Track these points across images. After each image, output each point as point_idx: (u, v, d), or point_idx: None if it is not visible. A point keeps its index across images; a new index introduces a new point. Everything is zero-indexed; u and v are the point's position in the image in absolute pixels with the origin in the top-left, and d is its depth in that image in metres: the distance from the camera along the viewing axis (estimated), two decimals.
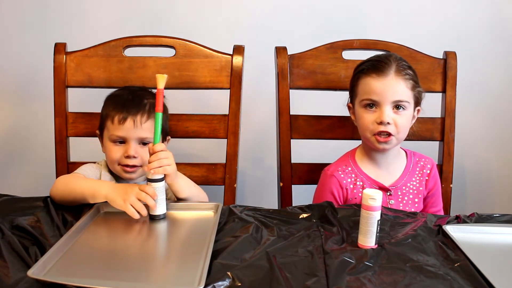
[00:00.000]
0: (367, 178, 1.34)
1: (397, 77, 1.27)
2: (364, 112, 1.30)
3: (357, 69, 1.35)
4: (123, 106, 1.30)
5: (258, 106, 1.88)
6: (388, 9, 1.85)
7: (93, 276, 0.89)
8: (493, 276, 0.89)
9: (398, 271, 0.92)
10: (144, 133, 1.29)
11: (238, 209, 1.17)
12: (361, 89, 1.31)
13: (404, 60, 1.33)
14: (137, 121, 1.29)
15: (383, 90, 1.26)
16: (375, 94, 1.27)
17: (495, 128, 1.94)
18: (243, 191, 1.98)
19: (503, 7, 1.84)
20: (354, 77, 1.35)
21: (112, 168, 1.33)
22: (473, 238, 1.07)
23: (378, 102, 1.27)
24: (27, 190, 1.30)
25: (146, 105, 1.31)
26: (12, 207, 1.16)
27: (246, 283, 0.87)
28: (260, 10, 1.85)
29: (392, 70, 1.27)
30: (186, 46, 1.49)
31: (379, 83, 1.27)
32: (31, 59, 1.86)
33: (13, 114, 1.93)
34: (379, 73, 1.27)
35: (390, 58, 1.30)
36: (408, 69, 1.30)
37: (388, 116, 1.26)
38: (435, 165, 1.41)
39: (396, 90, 1.27)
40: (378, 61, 1.30)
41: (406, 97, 1.28)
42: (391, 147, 1.31)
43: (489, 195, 1.99)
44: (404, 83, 1.28)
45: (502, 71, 1.89)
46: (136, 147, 1.29)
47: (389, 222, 1.12)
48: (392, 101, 1.27)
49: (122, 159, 1.30)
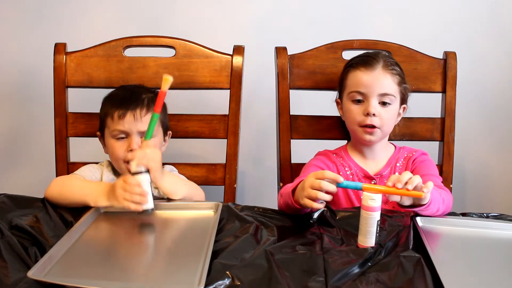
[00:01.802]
0: (355, 164, 1.38)
1: (384, 71, 1.32)
2: (351, 105, 1.35)
3: (347, 64, 1.40)
4: (121, 103, 1.30)
5: (258, 106, 1.88)
6: (388, 9, 1.85)
7: (93, 276, 0.89)
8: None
9: (397, 270, 0.93)
10: (144, 126, 1.28)
11: (238, 207, 1.18)
12: (350, 82, 1.36)
13: (391, 57, 1.38)
14: (137, 114, 1.29)
15: (371, 82, 1.31)
16: (363, 86, 1.32)
17: (495, 128, 1.94)
18: (243, 191, 1.98)
19: (503, 8, 1.84)
20: (344, 71, 1.40)
21: (117, 166, 1.34)
22: (439, 229, 1.11)
23: (366, 95, 1.32)
24: (27, 190, 1.29)
25: (144, 100, 1.31)
26: (12, 207, 1.17)
27: (245, 282, 0.87)
28: (260, 10, 1.85)
29: (380, 65, 1.33)
30: (186, 46, 1.49)
31: (367, 75, 1.32)
32: (31, 59, 1.86)
33: (13, 114, 1.93)
34: (367, 66, 1.33)
35: (379, 54, 1.36)
36: (395, 65, 1.35)
37: (374, 108, 1.31)
38: (424, 155, 1.40)
39: (383, 83, 1.32)
40: (367, 56, 1.36)
41: (392, 91, 1.33)
42: (376, 139, 1.34)
43: (489, 195, 1.99)
44: (390, 77, 1.33)
45: (502, 71, 1.89)
46: (139, 140, 1.30)
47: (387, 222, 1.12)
48: (379, 93, 1.31)
49: (126, 154, 1.30)
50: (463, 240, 1.08)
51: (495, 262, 1.00)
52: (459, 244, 1.07)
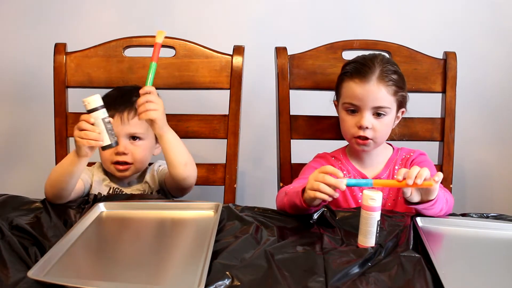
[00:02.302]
0: (352, 168, 1.37)
1: (379, 84, 1.27)
2: (345, 115, 1.33)
3: (343, 69, 1.36)
4: (110, 105, 1.30)
5: (258, 106, 1.88)
6: (388, 9, 1.85)
7: (93, 276, 0.89)
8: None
9: (397, 270, 0.93)
10: (132, 128, 1.30)
11: (238, 208, 1.18)
12: (344, 92, 1.33)
13: (390, 63, 1.32)
14: (124, 117, 1.30)
15: (364, 96, 1.28)
16: (356, 99, 1.29)
17: (495, 128, 1.94)
18: (243, 191, 1.98)
19: (503, 8, 1.84)
20: (340, 77, 1.36)
21: (106, 167, 1.35)
22: (439, 229, 1.11)
23: (359, 107, 1.29)
24: (27, 190, 1.30)
25: (134, 102, 1.31)
26: (12, 207, 1.16)
27: (245, 282, 0.87)
28: (260, 10, 1.85)
29: (375, 76, 1.28)
30: (186, 46, 1.49)
31: (361, 88, 1.28)
32: (31, 59, 1.86)
33: (13, 114, 1.93)
34: (362, 78, 1.28)
35: (375, 60, 1.30)
36: (392, 74, 1.29)
37: (368, 121, 1.28)
38: (422, 155, 1.39)
39: (376, 97, 1.27)
40: (363, 65, 1.30)
41: (386, 103, 1.29)
42: (370, 149, 1.33)
43: (489, 195, 1.99)
44: (385, 89, 1.28)
45: (502, 71, 1.89)
46: (126, 143, 1.30)
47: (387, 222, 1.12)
48: (372, 107, 1.28)
49: (113, 156, 1.31)
50: (463, 240, 1.08)
51: (495, 262, 1.00)
52: (459, 244, 1.07)
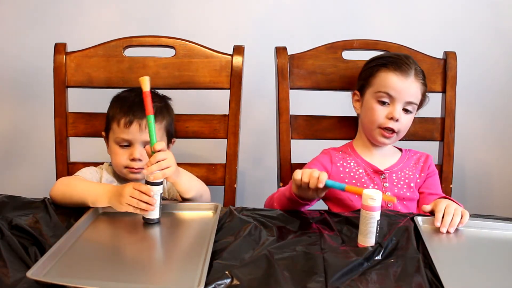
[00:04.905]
0: (362, 160, 1.38)
1: (416, 80, 1.34)
2: (376, 104, 1.34)
3: (376, 61, 1.38)
4: (129, 109, 1.30)
5: (258, 106, 1.88)
6: (388, 9, 1.85)
7: (92, 277, 0.89)
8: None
9: (397, 270, 0.92)
10: (148, 136, 1.29)
11: (237, 210, 1.17)
12: (380, 81, 1.34)
13: (417, 64, 1.37)
14: (142, 124, 1.29)
15: (403, 89, 1.32)
16: (394, 90, 1.32)
17: (495, 128, 1.94)
18: (243, 191, 1.98)
19: (503, 8, 1.84)
20: (373, 67, 1.37)
21: (118, 170, 1.34)
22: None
23: (394, 98, 1.32)
24: (27, 190, 1.30)
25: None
26: (12, 207, 1.17)
27: (245, 282, 0.87)
28: (260, 10, 1.85)
29: (413, 73, 1.33)
30: (186, 46, 1.49)
31: (401, 81, 1.32)
32: (31, 59, 1.86)
33: (13, 114, 1.93)
34: (402, 72, 1.32)
35: (409, 59, 1.35)
36: (422, 74, 1.36)
37: (399, 113, 1.32)
38: (430, 158, 1.42)
39: (412, 92, 1.33)
40: (400, 59, 1.35)
41: (417, 100, 1.35)
42: (390, 142, 1.37)
43: (489, 195, 1.99)
44: (419, 87, 1.34)
45: (502, 71, 1.89)
46: (141, 150, 1.30)
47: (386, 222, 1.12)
48: (406, 101, 1.32)
49: (128, 162, 1.30)
50: (463, 240, 1.08)
51: (495, 262, 1.00)
52: (459, 244, 1.07)
